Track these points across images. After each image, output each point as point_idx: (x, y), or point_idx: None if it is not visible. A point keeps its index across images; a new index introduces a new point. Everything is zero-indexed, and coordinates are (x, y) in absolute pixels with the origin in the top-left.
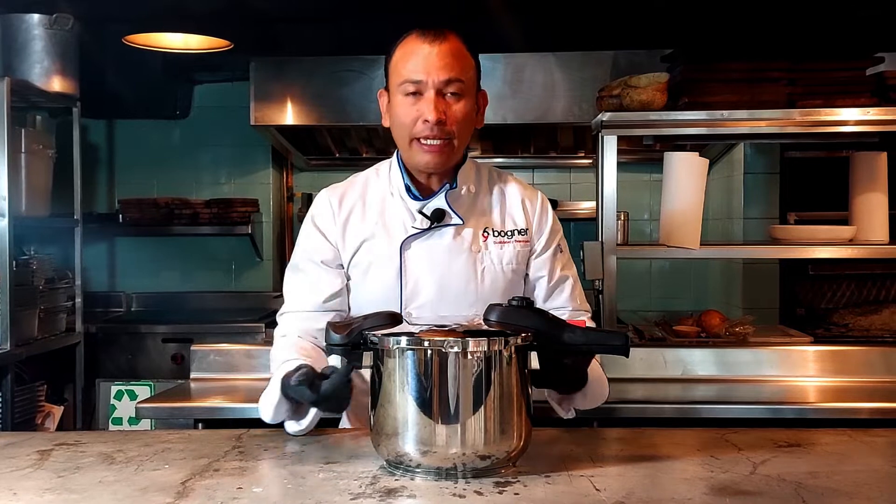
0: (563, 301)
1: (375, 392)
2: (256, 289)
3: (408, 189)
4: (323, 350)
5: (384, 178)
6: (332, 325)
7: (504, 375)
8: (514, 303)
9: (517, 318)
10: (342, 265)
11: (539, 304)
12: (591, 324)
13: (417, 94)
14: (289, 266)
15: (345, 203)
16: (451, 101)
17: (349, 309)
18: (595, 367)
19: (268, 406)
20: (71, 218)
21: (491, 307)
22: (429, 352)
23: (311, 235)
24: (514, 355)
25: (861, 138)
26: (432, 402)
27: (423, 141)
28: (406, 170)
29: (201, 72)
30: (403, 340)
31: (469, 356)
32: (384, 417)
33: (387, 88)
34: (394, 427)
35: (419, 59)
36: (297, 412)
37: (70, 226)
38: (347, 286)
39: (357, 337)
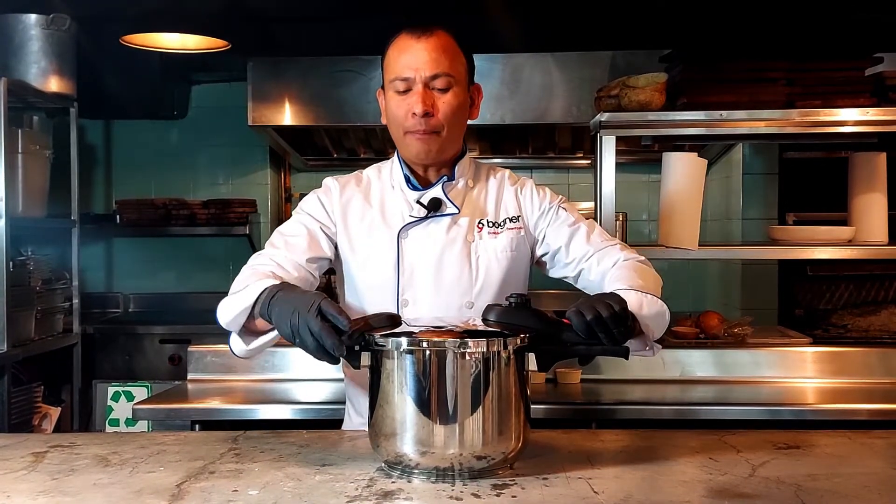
0: (583, 249)
1: (374, 392)
2: None
3: (407, 180)
4: None
5: (385, 175)
6: None
7: (502, 376)
8: (511, 300)
9: (516, 317)
10: (336, 242)
11: (567, 267)
12: (630, 253)
13: (407, 90)
14: (282, 226)
15: (347, 191)
16: (438, 94)
17: (345, 296)
18: (644, 306)
19: (231, 308)
20: (68, 218)
21: (489, 307)
22: (427, 352)
23: (313, 204)
24: (512, 356)
25: (860, 139)
26: (430, 402)
27: (413, 133)
28: (405, 163)
29: (199, 72)
30: (403, 341)
31: (467, 357)
32: (382, 418)
33: (382, 87)
34: (392, 427)
35: (407, 56)
36: (251, 330)
37: (67, 226)
38: (343, 274)
39: (358, 339)
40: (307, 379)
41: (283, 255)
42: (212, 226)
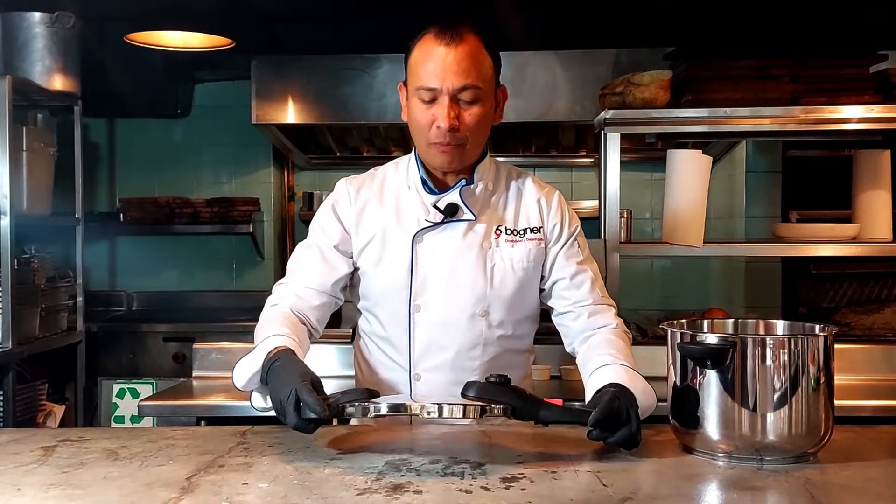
0: (583, 294)
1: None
2: (257, 288)
3: (424, 183)
4: (308, 328)
5: (402, 172)
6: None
7: (809, 370)
8: (491, 379)
9: (495, 394)
10: (352, 254)
11: (559, 300)
12: (617, 321)
13: (432, 99)
14: (301, 243)
15: (361, 193)
16: (464, 107)
17: (359, 299)
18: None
19: (244, 372)
20: (72, 216)
21: (469, 384)
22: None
23: (327, 219)
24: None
25: (864, 136)
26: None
27: (436, 145)
28: (423, 164)
29: (202, 70)
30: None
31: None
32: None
33: (405, 84)
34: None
35: (435, 65)
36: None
37: (71, 224)
38: (357, 276)
39: (334, 413)
40: None
41: (301, 286)
42: (215, 224)
